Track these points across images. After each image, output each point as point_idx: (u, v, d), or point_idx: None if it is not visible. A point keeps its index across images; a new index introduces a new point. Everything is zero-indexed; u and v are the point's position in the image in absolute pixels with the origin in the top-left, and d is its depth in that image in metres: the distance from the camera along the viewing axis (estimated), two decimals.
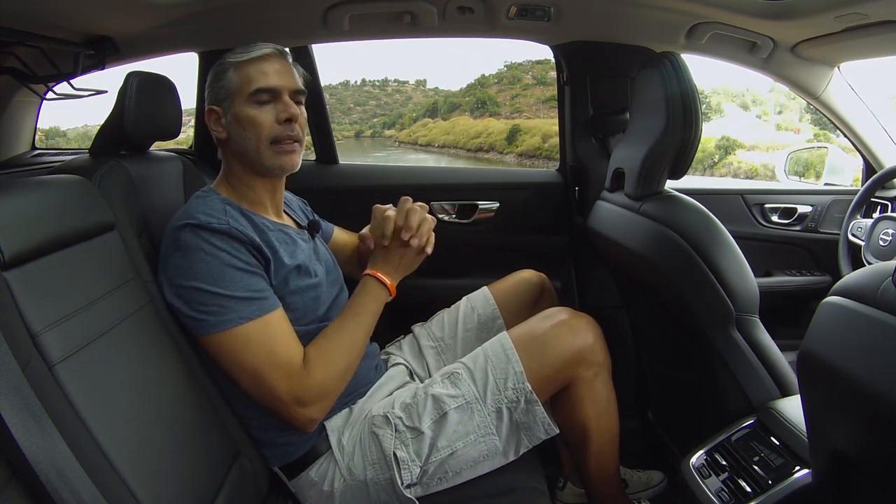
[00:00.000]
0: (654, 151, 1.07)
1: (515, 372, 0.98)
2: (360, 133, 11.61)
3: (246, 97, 0.95)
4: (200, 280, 0.87)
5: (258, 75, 0.94)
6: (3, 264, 0.67)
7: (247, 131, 0.95)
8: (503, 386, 0.98)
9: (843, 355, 0.61)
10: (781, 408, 0.96)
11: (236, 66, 0.95)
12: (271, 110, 0.95)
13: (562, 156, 1.64)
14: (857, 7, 1.06)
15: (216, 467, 0.87)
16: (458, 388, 0.99)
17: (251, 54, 0.95)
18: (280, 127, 0.95)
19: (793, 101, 8.93)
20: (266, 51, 0.96)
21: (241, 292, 0.87)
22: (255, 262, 0.91)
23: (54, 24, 1.12)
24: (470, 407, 0.97)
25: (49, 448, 0.59)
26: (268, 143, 0.95)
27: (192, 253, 0.88)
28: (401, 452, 0.94)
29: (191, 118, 1.56)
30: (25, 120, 1.61)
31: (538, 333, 1.03)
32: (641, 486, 1.29)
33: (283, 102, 0.95)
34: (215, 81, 0.97)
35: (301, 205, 1.20)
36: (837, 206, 1.62)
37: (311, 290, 0.98)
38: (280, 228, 1.00)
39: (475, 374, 1.00)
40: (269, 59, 0.96)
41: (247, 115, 0.95)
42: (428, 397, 0.98)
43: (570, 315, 1.05)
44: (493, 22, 1.41)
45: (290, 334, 0.91)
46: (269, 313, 0.89)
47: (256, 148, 0.95)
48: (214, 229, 0.88)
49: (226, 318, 0.86)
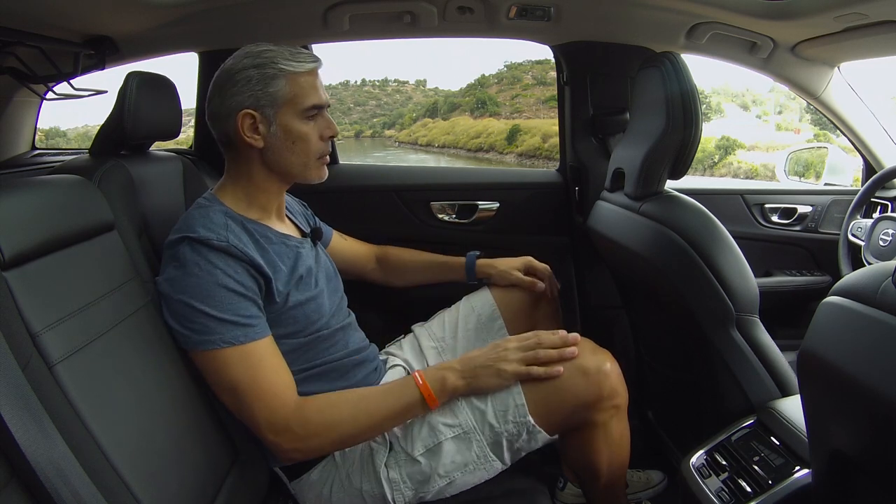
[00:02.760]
0: (654, 151, 1.07)
1: (517, 404, 0.91)
2: (360, 133, 11.62)
3: (299, 111, 0.92)
4: (189, 295, 0.86)
5: (311, 90, 0.93)
6: (3, 264, 0.67)
7: (296, 145, 0.94)
8: (503, 419, 0.91)
9: (843, 355, 0.61)
10: (781, 408, 0.96)
11: (290, 76, 0.91)
12: (316, 126, 0.95)
13: (562, 156, 1.64)
14: (857, 7, 1.06)
15: (216, 467, 0.87)
16: (455, 416, 0.93)
17: (306, 66, 0.92)
18: (324, 144, 0.96)
19: (793, 101, 8.94)
20: (316, 64, 0.94)
21: (228, 315, 0.85)
22: (251, 283, 0.89)
23: (54, 24, 1.12)
24: (468, 437, 0.92)
25: (49, 448, 0.58)
26: (315, 158, 0.96)
27: (186, 267, 0.87)
28: (393, 473, 0.92)
29: (191, 118, 1.56)
30: (25, 120, 1.61)
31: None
32: (641, 486, 1.29)
33: (326, 119, 0.96)
34: (260, 85, 0.90)
35: (301, 209, 1.19)
36: (837, 206, 1.62)
37: (313, 302, 0.97)
38: (282, 241, 0.98)
39: (474, 401, 0.93)
40: (317, 73, 0.95)
41: (298, 130, 0.93)
42: (424, 423, 0.93)
43: (586, 355, 0.93)
44: (493, 22, 1.41)
45: (275, 365, 0.88)
46: (254, 341, 0.86)
47: (304, 163, 0.95)
48: (213, 246, 0.87)
49: (208, 338, 0.85)
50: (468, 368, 0.91)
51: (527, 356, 0.91)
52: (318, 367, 0.99)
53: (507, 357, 0.91)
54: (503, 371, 0.90)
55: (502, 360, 0.91)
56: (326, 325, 0.99)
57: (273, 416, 0.86)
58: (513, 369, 0.90)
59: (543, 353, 0.91)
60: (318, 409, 0.88)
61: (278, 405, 0.86)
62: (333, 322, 1.01)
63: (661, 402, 1.38)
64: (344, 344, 1.03)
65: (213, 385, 0.88)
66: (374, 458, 0.93)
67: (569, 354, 0.91)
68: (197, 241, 0.87)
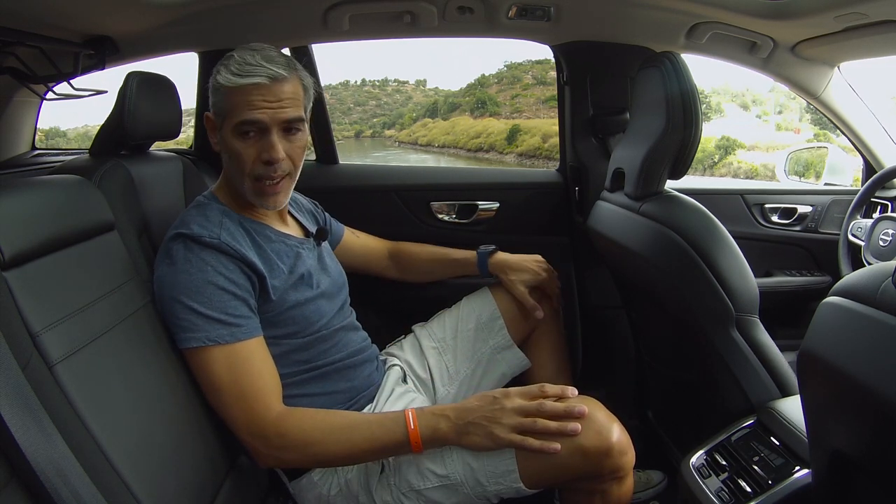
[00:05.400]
0: (654, 151, 1.07)
1: (508, 470, 0.86)
2: (360, 133, 11.61)
3: (232, 126, 0.88)
4: (179, 292, 0.86)
5: (244, 108, 0.87)
6: (3, 264, 0.67)
7: (232, 161, 0.91)
8: (493, 480, 0.87)
9: (843, 355, 0.61)
10: (781, 408, 0.96)
11: (226, 91, 0.88)
12: (255, 145, 0.89)
13: (562, 156, 1.64)
14: (857, 7, 1.06)
15: (216, 467, 0.87)
16: (445, 466, 0.88)
17: (241, 81, 0.86)
18: (262, 166, 0.89)
19: (793, 101, 8.93)
20: (257, 80, 0.86)
21: (215, 313, 0.85)
22: (243, 281, 0.88)
23: (54, 24, 1.11)
24: (455, 487, 0.88)
25: (49, 448, 0.59)
26: (251, 179, 0.91)
27: (177, 264, 0.87)
28: (386, 496, 0.91)
29: (191, 118, 1.55)
30: (25, 120, 1.61)
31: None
32: (641, 486, 1.29)
33: (268, 141, 0.88)
34: (211, 94, 0.91)
35: (312, 207, 1.19)
36: (837, 206, 1.61)
37: (312, 303, 0.97)
38: (282, 240, 0.98)
39: (466, 456, 0.87)
40: (260, 89, 0.86)
41: (232, 146, 0.89)
42: (413, 464, 0.89)
43: (589, 431, 0.83)
44: (493, 22, 1.41)
45: (261, 368, 0.87)
46: (241, 341, 0.86)
47: (240, 180, 0.92)
48: (204, 243, 0.87)
49: (193, 335, 0.85)
50: (462, 423, 0.84)
51: (524, 423, 0.83)
52: (320, 369, 0.99)
53: (502, 420, 0.83)
54: (496, 436, 0.83)
55: (497, 422, 0.83)
56: (327, 326, 0.99)
57: (252, 420, 0.85)
58: (506, 437, 0.83)
59: (542, 424, 0.82)
60: (298, 423, 0.86)
61: (260, 409, 0.85)
62: (334, 322, 1.01)
63: (661, 402, 1.38)
64: (344, 344, 1.03)
65: (199, 382, 0.87)
66: (369, 478, 0.92)
67: (570, 431, 0.82)
68: (189, 237, 0.88)
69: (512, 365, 1.20)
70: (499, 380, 1.19)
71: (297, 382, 0.96)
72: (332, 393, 1.00)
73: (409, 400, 1.07)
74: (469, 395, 1.13)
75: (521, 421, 0.83)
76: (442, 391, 1.17)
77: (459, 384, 1.18)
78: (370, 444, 0.85)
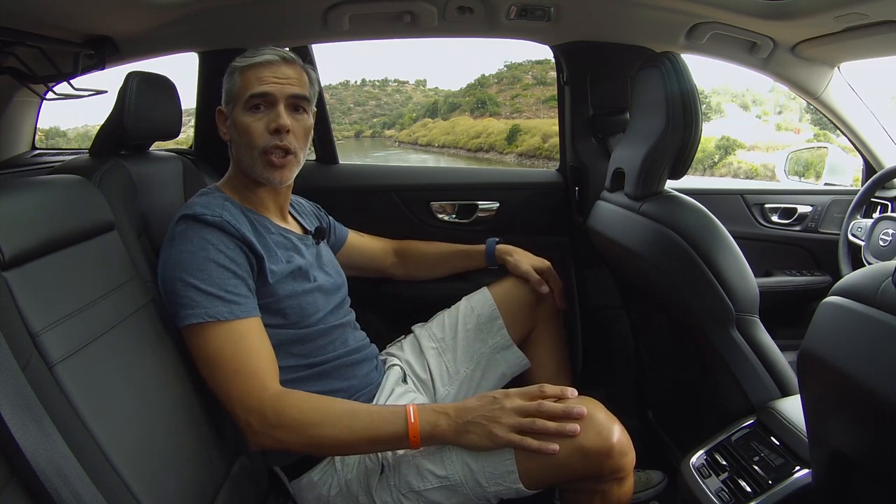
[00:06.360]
0: (654, 151, 1.07)
1: (508, 471, 0.86)
2: (360, 133, 11.62)
3: (243, 103, 0.94)
4: (181, 270, 0.87)
5: (255, 81, 0.94)
6: (3, 264, 0.67)
7: (242, 138, 0.95)
8: (492, 481, 0.87)
9: (843, 355, 0.61)
10: (781, 408, 0.96)
11: (240, 70, 0.95)
12: (262, 118, 0.94)
13: (562, 156, 1.64)
14: (857, 7, 1.06)
15: (216, 466, 0.87)
16: (444, 467, 0.88)
17: (253, 59, 0.95)
18: (270, 137, 0.94)
19: (793, 101, 8.94)
20: (267, 56, 0.94)
21: (214, 289, 0.86)
22: (242, 260, 0.89)
23: (54, 24, 1.11)
24: (454, 487, 0.88)
25: (49, 448, 0.59)
26: (259, 153, 0.95)
27: (180, 244, 0.88)
28: (385, 496, 0.91)
29: (191, 118, 1.56)
30: (25, 120, 1.61)
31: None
32: (641, 486, 1.29)
33: (275, 112, 0.94)
34: (225, 84, 0.98)
35: (314, 209, 1.20)
36: (837, 206, 1.61)
37: (307, 295, 0.98)
38: (281, 233, 0.99)
39: (465, 457, 0.88)
40: (271, 66, 0.94)
41: (241, 122, 0.95)
42: (412, 465, 0.90)
43: (589, 432, 0.84)
44: (493, 22, 1.41)
45: (258, 347, 0.87)
46: (238, 319, 0.86)
47: (250, 156, 0.95)
48: (206, 221, 0.89)
49: (192, 311, 0.85)
50: (461, 421, 0.85)
51: (522, 423, 0.83)
52: (318, 366, 0.99)
53: (501, 420, 0.84)
54: (494, 435, 0.83)
55: (496, 421, 0.84)
56: (324, 321, 0.99)
57: (248, 395, 0.84)
58: (505, 436, 0.83)
59: (541, 424, 0.83)
60: (297, 403, 0.85)
61: (256, 386, 0.84)
62: (331, 318, 1.01)
63: (661, 402, 1.38)
64: (343, 342, 1.04)
65: (196, 361, 0.87)
66: (369, 478, 0.93)
67: (569, 432, 0.82)
68: (192, 217, 0.89)
69: (512, 365, 1.20)
70: (499, 380, 1.19)
71: (296, 380, 0.96)
72: (330, 391, 1.00)
73: (409, 400, 1.07)
74: (469, 395, 1.13)
75: (520, 421, 0.84)
76: (442, 391, 1.17)
77: (459, 384, 1.18)
78: (368, 433, 0.85)
